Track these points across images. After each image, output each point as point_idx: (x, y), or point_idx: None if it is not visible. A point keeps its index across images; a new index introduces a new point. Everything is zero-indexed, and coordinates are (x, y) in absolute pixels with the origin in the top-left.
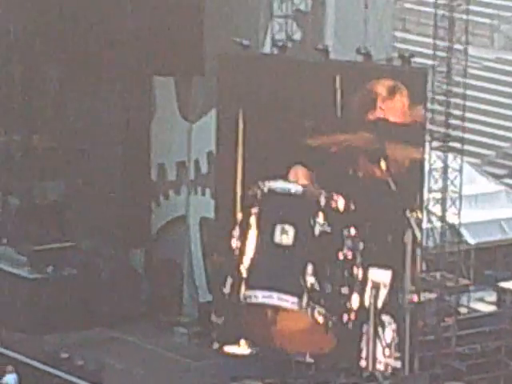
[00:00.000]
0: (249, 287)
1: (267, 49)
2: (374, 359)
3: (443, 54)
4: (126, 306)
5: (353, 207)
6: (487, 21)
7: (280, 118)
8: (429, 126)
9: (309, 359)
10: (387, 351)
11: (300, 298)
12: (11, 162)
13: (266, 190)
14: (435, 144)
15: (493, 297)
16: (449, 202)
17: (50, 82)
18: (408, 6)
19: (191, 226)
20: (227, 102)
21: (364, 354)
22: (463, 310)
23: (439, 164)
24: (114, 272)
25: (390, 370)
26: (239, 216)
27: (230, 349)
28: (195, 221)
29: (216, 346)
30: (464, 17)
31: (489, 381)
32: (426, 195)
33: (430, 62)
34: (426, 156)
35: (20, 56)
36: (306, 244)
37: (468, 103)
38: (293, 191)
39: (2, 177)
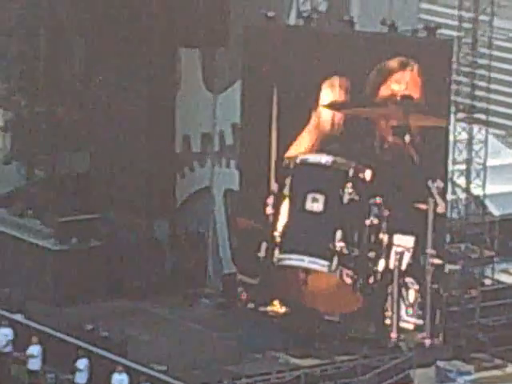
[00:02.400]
0: (282, 251)
1: (292, 20)
2: (398, 317)
3: (468, 26)
4: (150, 277)
5: (379, 177)
6: None
7: (305, 90)
8: (454, 98)
9: (336, 318)
10: (410, 310)
11: (330, 261)
12: (36, 133)
13: (298, 161)
14: (460, 115)
15: None
16: (473, 174)
17: (74, 54)
18: None
19: (216, 198)
20: (252, 73)
21: (389, 313)
22: (487, 282)
23: (464, 135)
24: (138, 243)
25: (412, 328)
26: (274, 185)
27: (263, 309)
28: (220, 192)
29: (251, 305)
30: None
31: None
32: (450, 167)
33: (455, 34)
34: (451, 127)
35: (45, 28)
36: (336, 211)
37: (493, 75)
38: (323, 162)
39: (27, 149)
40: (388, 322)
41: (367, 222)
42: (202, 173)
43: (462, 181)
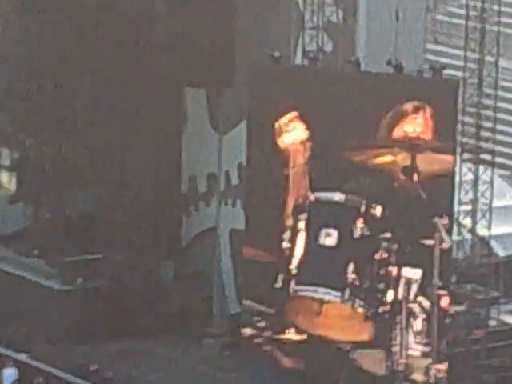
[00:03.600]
0: (297, 283)
1: (298, 60)
2: (407, 345)
3: (474, 66)
4: (155, 318)
5: (388, 214)
6: None
7: (313, 131)
8: (459, 138)
9: (347, 347)
10: (418, 338)
11: (342, 291)
12: (41, 173)
13: (312, 198)
14: (466, 156)
15: None
16: (479, 215)
17: (81, 93)
18: (439, 17)
19: (221, 238)
20: (258, 113)
21: (398, 341)
22: (493, 323)
23: (470, 176)
24: (143, 284)
25: (419, 354)
26: (289, 221)
27: (279, 337)
28: (225, 232)
29: (268, 334)
30: (495, 28)
31: None
32: (456, 207)
33: (461, 74)
34: (457, 168)
35: (51, 67)
36: (348, 245)
37: (499, 115)
38: (336, 199)
39: (33, 188)
40: (396, 349)
41: (377, 255)
42: (208, 213)
43: (467, 221)
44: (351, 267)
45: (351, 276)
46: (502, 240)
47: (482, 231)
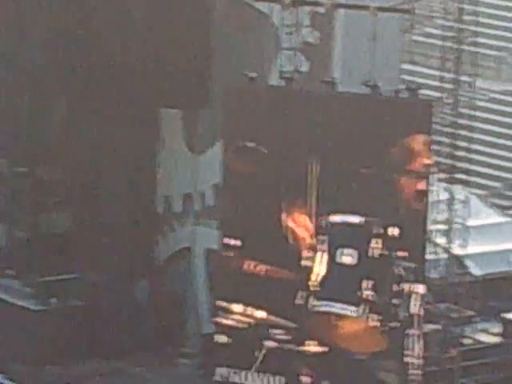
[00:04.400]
0: (316, 299)
1: (274, 81)
2: (419, 355)
3: (450, 86)
4: (129, 337)
5: (402, 234)
6: (494, 53)
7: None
8: (435, 158)
9: (363, 357)
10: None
11: (358, 307)
12: (17, 194)
13: (333, 220)
14: (441, 176)
15: (497, 328)
16: (454, 234)
17: (56, 115)
18: (415, 38)
19: (196, 258)
20: (234, 134)
21: (409, 352)
22: (467, 341)
23: (445, 195)
24: (118, 304)
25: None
26: (310, 241)
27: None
28: (200, 252)
29: (291, 346)
30: (471, 49)
31: None
32: (431, 226)
33: (437, 94)
34: (432, 187)
35: (27, 87)
36: (364, 264)
37: (474, 135)
38: (356, 222)
39: (8, 209)
40: (408, 359)
41: (392, 273)
42: (183, 233)
43: (442, 240)
44: (366, 284)
45: (366, 292)
46: (476, 259)
47: (456, 250)
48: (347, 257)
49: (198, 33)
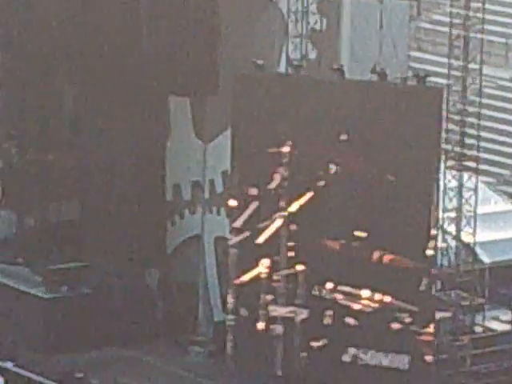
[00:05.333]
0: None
1: (282, 68)
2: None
3: (458, 74)
4: (140, 325)
5: None
6: (502, 40)
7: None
8: (444, 146)
9: None
10: None
11: None
12: (26, 182)
13: None
14: (450, 163)
15: (507, 316)
16: (464, 221)
17: (65, 103)
18: (423, 25)
19: (206, 246)
20: (242, 121)
21: None
22: (478, 329)
23: (454, 183)
24: (129, 291)
25: None
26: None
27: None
28: (210, 240)
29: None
30: (479, 36)
31: None
32: (440, 214)
33: (444, 82)
34: (441, 175)
35: (35, 76)
36: None
37: (483, 122)
38: None
39: (17, 197)
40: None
41: None
42: (193, 220)
43: (452, 228)
44: None
45: None
46: (486, 246)
47: (466, 238)
48: None
49: (207, 20)
